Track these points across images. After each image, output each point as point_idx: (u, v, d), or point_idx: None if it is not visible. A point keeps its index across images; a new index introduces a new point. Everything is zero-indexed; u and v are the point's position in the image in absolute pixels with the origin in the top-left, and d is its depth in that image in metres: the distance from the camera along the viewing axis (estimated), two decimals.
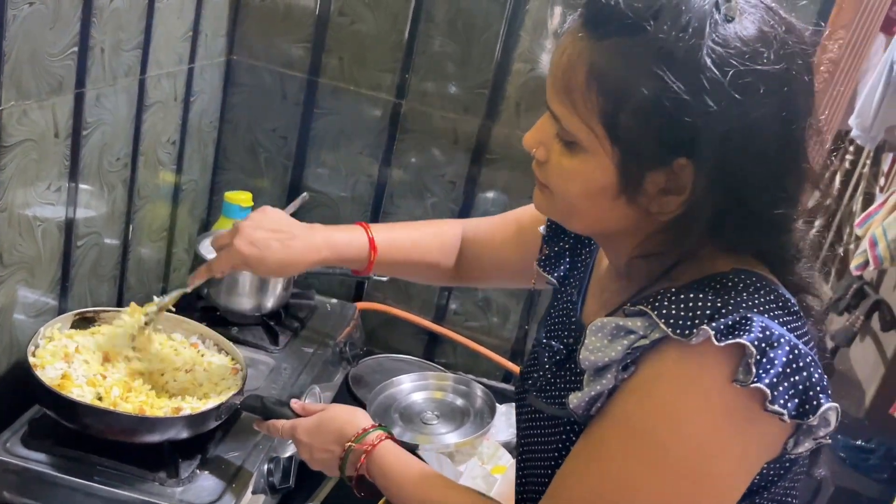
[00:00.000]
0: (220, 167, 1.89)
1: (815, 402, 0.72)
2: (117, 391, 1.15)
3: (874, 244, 2.96)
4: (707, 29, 0.71)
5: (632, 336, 0.76)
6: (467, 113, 1.78)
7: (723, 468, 0.75)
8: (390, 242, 1.18)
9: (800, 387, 0.72)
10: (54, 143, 1.23)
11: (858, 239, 3.24)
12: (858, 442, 2.49)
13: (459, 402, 1.65)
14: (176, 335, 1.36)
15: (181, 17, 1.53)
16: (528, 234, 1.11)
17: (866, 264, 3.01)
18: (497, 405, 1.62)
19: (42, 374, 1.14)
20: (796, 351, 0.72)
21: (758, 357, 0.71)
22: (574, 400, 0.80)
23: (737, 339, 0.71)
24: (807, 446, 0.76)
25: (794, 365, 0.72)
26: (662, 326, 0.74)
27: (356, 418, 1.05)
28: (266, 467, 1.23)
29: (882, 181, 3.45)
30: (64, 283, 1.36)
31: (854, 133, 3.26)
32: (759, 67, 0.72)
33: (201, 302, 1.62)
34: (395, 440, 1.03)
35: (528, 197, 1.78)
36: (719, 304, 0.74)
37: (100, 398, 1.13)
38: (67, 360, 1.19)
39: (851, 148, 3.65)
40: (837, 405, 0.74)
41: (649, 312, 0.75)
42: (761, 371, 0.71)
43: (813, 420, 0.72)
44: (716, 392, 0.73)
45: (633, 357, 0.77)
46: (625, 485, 0.76)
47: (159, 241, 1.69)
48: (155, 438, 1.13)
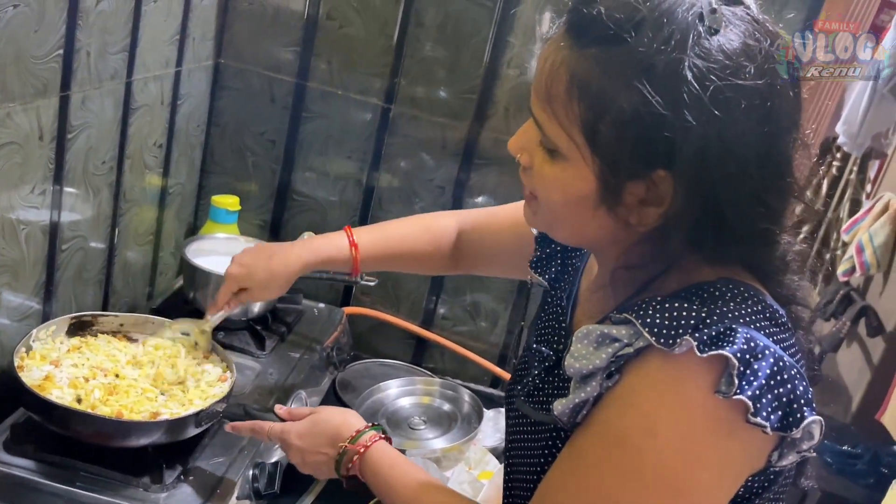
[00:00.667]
0: (208, 171, 1.88)
1: (799, 415, 0.72)
2: (98, 394, 1.14)
3: (861, 250, 2.98)
4: (689, 42, 0.70)
5: (616, 344, 0.76)
6: (456, 118, 1.78)
7: (703, 480, 0.74)
8: (373, 239, 1.23)
9: (783, 399, 0.71)
10: (39, 146, 1.22)
11: (845, 245, 3.25)
12: (845, 447, 2.49)
13: (447, 408, 1.64)
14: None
15: (168, 21, 1.52)
16: (524, 228, 1.11)
17: (853, 270, 3.02)
18: (484, 410, 1.62)
19: (25, 376, 1.13)
20: (781, 363, 0.72)
21: (741, 369, 0.70)
22: (559, 406, 0.80)
23: (719, 351, 0.70)
24: (791, 459, 0.76)
25: (778, 377, 0.71)
26: (646, 335, 0.73)
27: (349, 419, 1.05)
28: (251, 473, 1.22)
29: (868, 188, 3.47)
30: (49, 287, 1.35)
31: (841, 140, 3.28)
32: (741, 82, 0.71)
33: (188, 306, 1.61)
34: (389, 440, 1.03)
35: (517, 201, 1.79)
36: (704, 315, 0.73)
37: (79, 400, 1.13)
38: (55, 364, 1.19)
39: (839, 155, 3.68)
40: (821, 419, 0.73)
41: (634, 321, 0.75)
42: (744, 383, 0.70)
43: (796, 433, 0.72)
44: (697, 403, 0.72)
45: (618, 365, 0.76)
46: (606, 495, 0.76)
47: (146, 245, 1.68)
48: (133, 443, 1.12)
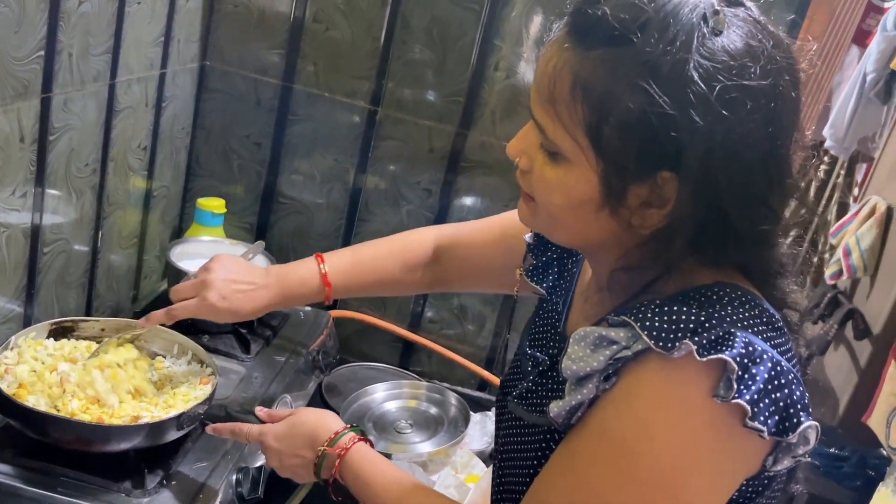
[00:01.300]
0: (193, 173, 1.87)
1: (796, 420, 0.72)
2: (76, 403, 1.13)
3: (848, 254, 2.99)
4: (694, 42, 0.70)
5: (614, 347, 0.76)
6: (443, 120, 1.78)
7: (700, 483, 0.74)
8: (345, 271, 1.22)
9: (780, 404, 0.72)
10: (20, 148, 1.21)
11: (833, 248, 3.27)
12: (832, 450, 2.50)
13: (433, 411, 1.64)
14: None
15: (152, 22, 1.52)
16: (514, 241, 1.11)
17: (840, 273, 3.03)
18: (471, 414, 1.61)
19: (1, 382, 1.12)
20: (778, 368, 0.72)
21: (739, 373, 0.70)
22: (555, 408, 0.79)
23: (719, 355, 0.70)
24: (786, 464, 0.76)
25: (776, 382, 0.71)
26: (645, 338, 0.73)
27: (326, 421, 1.04)
28: (234, 478, 1.21)
29: (856, 191, 3.49)
30: (30, 291, 1.34)
31: (828, 144, 3.29)
32: (747, 83, 0.71)
33: None
34: (368, 441, 1.02)
35: (504, 205, 1.79)
36: (703, 318, 0.73)
37: (57, 409, 1.11)
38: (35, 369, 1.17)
39: (826, 158, 3.69)
40: (817, 423, 0.73)
41: (632, 324, 0.75)
42: (742, 387, 0.70)
43: (792, 438, 0.72)
44: (696, 406, 0.72)
45: (615, 368, 0.76)
46: (599, 495, 0.75)
47: (130, 248, 1.67)
48: (113, 447, 1.11)
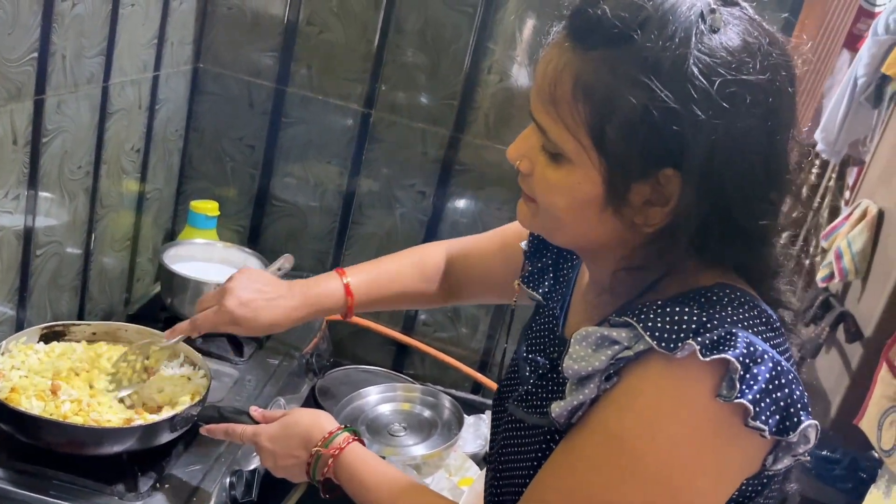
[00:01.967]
0: (186, 176, 1.87)
1: (796, 419, 0.72)
2: (68, 406, 1.12)
3: (839, 257, 3.00)
4: (693, 39, 0.71)
5: (616, 347, 0.76)
6: (436, 123, 1.78)
7: (702, 482, 0.75)
8: (367, 283, 1.20)
9: (781, 403, 0.72)
10: (12, 150, 1.21)
11: (824, 251, 3.28)
12: (824, 452, 2.51)
13: (427, 414, 1.64)
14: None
15: (146, 24, 1.51)
16: (511, 250, 1.11)
17: (832, 276, 3.04)
18: (465, 416, 1.61)
19: None
20: (779, 367, 0.73)
21: (742, 372, 0.71)
22: (556, 408, 0.79)
23: (722, 355, 0.71)
24: (786, 463, 0.76)
25: (777, 381, 0.72)
26: (647, 339, 0.73)
27: (321, 421, 1.04)
28: (228, 480, 1.21)
29: (847, 195, 3.50)
30: (22, 294, 1.34)
31: (819, 147, 3.31)
32: (746, 77, 0.72)
33: (165, 313, 1.59)
34: (362, 441, 1.02)
35: (498, 208, 1.79)
36: (705, 319, 0.73)
37: (49, 413, 1.11)
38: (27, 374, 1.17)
39: (817, 162, 3.71)
40: (817, 422, 0.74)
41: (634, 324, 0.75)
42: (745, 387, 0.70)
43: (793, 437, 0.73)
44: (699, 406, 0.72)
45: (617, 368, 0.76)
46: (600, 494, 0.75)
47: (123, 251, 1.67)
48: (106, 450, 1.10)
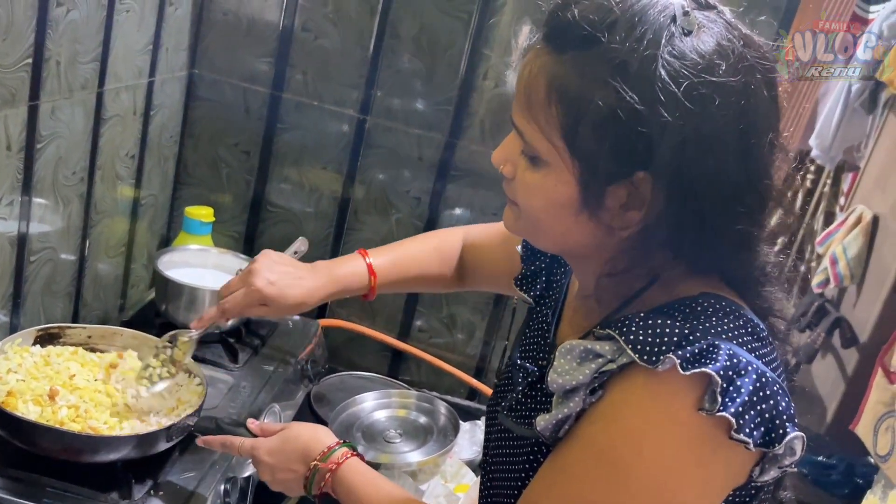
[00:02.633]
0: (181, 182, 1.86)
1: (782, 431, 0.72)
2: (65, 412, 1.12)
3: (834, 262, 3.01)
4: (662, 41, 0.71)
5: (600, 360, 0.76)
6: (432, 129, 1.78)
7: (687, 495, 0.74)
8: (390, 264, 1.21)
9: (766, 415, 0.72)
10: (6, 156, 1.20)
11: (820, 257, 3.29)
12: (820, 458, 2.51)
13: (423, 420, 1.63)
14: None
15: (141, 30, 1.51)
16: (512, 248, 1.11)
17: (827, 282, 3.05)
18: (461, 423, 1.61)
19: None
20: (763, 379, 0.72)
21: (724, 386, 0.70)
22: (541, 422, 0.79)
23: (702, 368, 0.71)
24: (772, 474, 0.76)
25: (761, 393, 0.72)
26: (629, 352, 0.73)
27: (319, 436, 1.04)
28: (223, 488, 1.21)
29: (842, 200, 3.51)
30: (16, 300, 1.33)
31: (814, 153, 3.32)
32: (715, 79, 0.72)
33: (159, 319, 1.59)
34: (361, 456, 1.02)
35: (493, 213, 1.79)
36: (687, 331, 0.73)
37: (46, 419, 1.10)
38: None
39: (812, 167, 3.72)
40: (803, 434, 0.74)
41: (616, 337, 0.75)
42: (727, 399, 0.70)
43: (779, 449, 0.72)
44: (681, 420, 0.72)
45: (601, 381, 0.76)
46: None
47: (117, 257, 1.66)
48: (102, 458, 1.10)
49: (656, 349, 0.72)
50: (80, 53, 1.32)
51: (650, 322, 0.74)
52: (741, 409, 0.70)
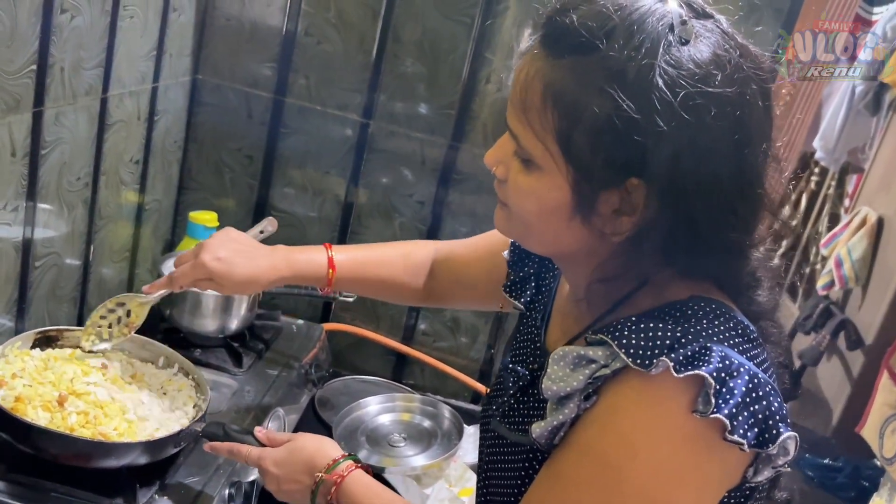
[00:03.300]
0: (185, 187, 1.87)
1: (775, 432, 0.72)
2: (75, 418, 1.12)
3: (839, 264, 3.00)
4: (660, 50, 0.71)
5: (593, 365, 0.76)
6: (435, 133, 1.78)
7: (682, 498, 0.75)
8: (351, 260, 1.21)
9: (759, 416, 0.72)
10: (11, 162, 1.21)
11: (824, 259, 3.28)
12: (826, 461, 2.50)
13: (427, 424, 1.63)
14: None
15: (145, 36, 1.52)
16: (498, 257, 1.12)
17: (832, 284, 3.05)
18: (465, 426, 1.61)
19: None
20: (756, 380, 0.73)
21: (717, 387, 0.71)
22: (537, 429, 0.80)
23: (695, 371, 0.71)
24: (766, 475, 0.76)
25: (754, 394, 0.72)
26: (623, 356, 0.74)
27: (325, 448, 1.04)
28: (227, 492, 1.21)
29: (846, 202, 3.51)
30: (21, 305, 1.34)
31: (818, 155, 3.32)
32: (711, 90, 0.72)
33: (164, 324, 1.59)
34: (366, 469, 1.02)
35: None
36: (678, 334, 0.74)
37: (56, 425, 1.10)
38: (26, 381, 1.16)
39: (816, 170, 3.71)
40: (796, 434, 0.74)
41: (609, 342, 0.75)
42: (721, 401, 0.71)
43: (772, 449, 0.73)
44: (676, 422, 0.73)
45: (595, 386, 0.77)
46: None
47: (121, 262, 1.67)
48: (111, 464, 1.10)
49: (649, 353, 0.73)
50: (84, 59, 1.33)
51: (642, 326, 0.75)
52: (735, 411, 0.71)
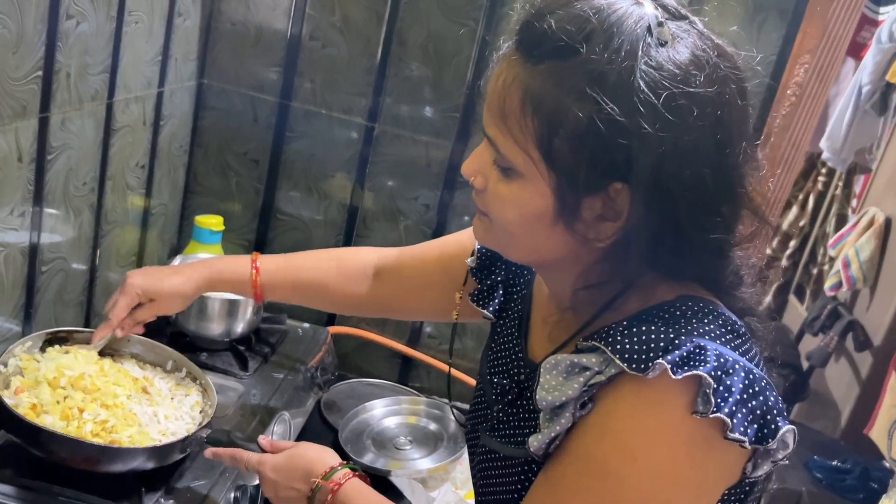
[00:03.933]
0: (191, 191, 1.87)
1: (774, 426, 0.72)
2: (90, 427, 1.12)
3: (847, 265, 2.99)
4: (640, 52, 0.71)
5: (587, 373, 0.76)
6: (440, 136, 1.78)
7: (683, 499, 0.75)
8: (277, 266, 1.24)
9: (757, 412, 0.72)
10: (17, 168, 1.21)
11: (832, 260, 3.27)
12: (834, 462, 2.49)
13: (433, 427, 1.63)
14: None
15: (150, 41, 1.52)
16: (452, 262, 1.10)
17: (840, 285, 3.03)
18: None
19: (8, 398, 1.11)
20: (751, 376, 0.73)
21: (715, 386, 0.71)
22: (534, 443, 0.79)
23: (693, 371, 0.71)
24: (765, 469, 0.76)
25: (751, 390, 0.72)
26: (618, 362, 0.73)
27: (324, 456, 1.05)
28: (233, 496, 1.21)
29: (854, 203, 3.49)
30: (28, 309, 1.34)
31: (825, 155, 3.30)
32: (692, 90, 0.71)
33: (170, 328, 1.59)
34: (364, 479, 1.02)
35: None
36: (672, 336, 0.73)
37: (68, 429, 1.11)
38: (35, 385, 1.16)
39: (823, 170, 3.70)
40: (794, 427, 0.74)
41: (603, 348, 0.75)
42: (720, 400, 0.71)
43: (772, 444, 0.73)
44: (676, 424, 0.72)
45: (590, 394, 0.76)
46: None
47: (128, 266, 1.67)
48: (118, 468, 1.10)
49: (644, 356, 0.73)
50: (90, 65, 1.34)
51: (634, 330, 0.74)
52: (734, 409, 0.71)
